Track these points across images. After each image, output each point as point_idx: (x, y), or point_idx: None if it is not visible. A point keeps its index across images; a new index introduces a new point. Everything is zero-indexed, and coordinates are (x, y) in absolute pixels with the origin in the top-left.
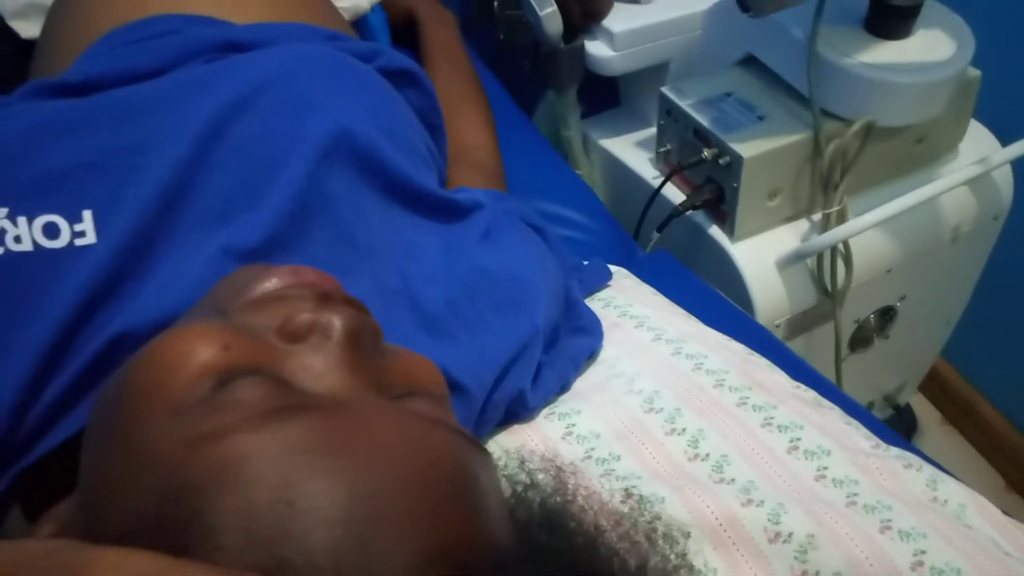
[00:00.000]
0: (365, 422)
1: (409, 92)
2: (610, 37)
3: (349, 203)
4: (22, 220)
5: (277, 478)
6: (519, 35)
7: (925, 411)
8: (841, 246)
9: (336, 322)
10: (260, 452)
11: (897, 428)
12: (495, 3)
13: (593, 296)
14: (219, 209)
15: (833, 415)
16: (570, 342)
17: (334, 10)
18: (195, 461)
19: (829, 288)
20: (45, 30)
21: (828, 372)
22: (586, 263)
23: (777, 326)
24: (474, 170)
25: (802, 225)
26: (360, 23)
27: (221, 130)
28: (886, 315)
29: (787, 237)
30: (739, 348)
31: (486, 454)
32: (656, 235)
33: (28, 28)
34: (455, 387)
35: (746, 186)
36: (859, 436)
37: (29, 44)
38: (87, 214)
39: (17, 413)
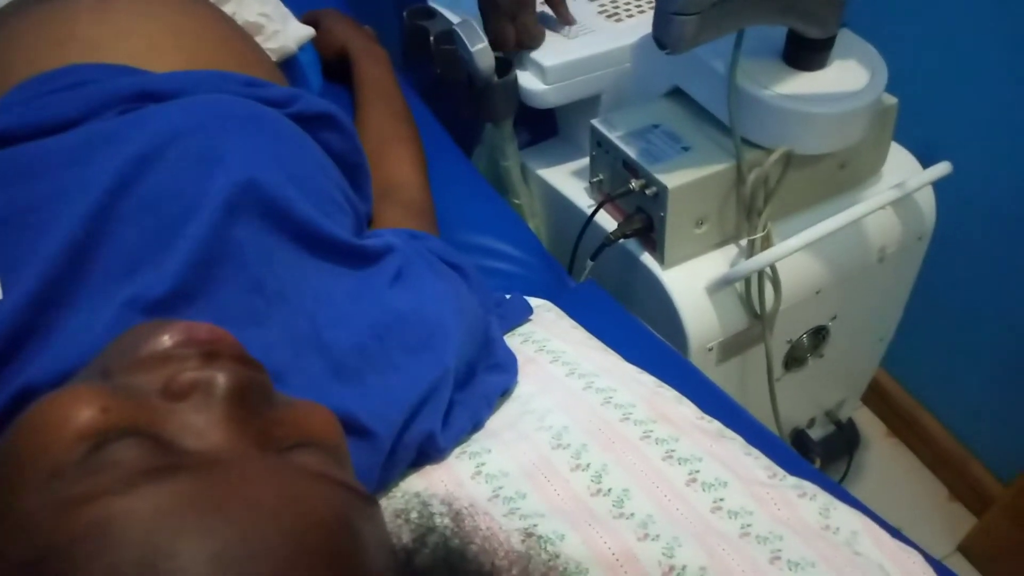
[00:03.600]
0: (240, 480)
1: (328, 135)
2: (541, 71)
3: (257, 252)
4: None
5: (144, 541)
6: (454, 70)
7: (870, 424)
8: (768, 270)
9: (220, 379)
10: (128, 514)
11: (839, 443)
12: (431, 39)
13: (514, 331)
14: (127, 262)
15: (734, 446)
16: (485, 380)
17: (257, 52)
18: (63, 524)
19: (759, 311)
20: None
21: (763, 393)
22: (508, 297)
23: (710, 349)
24: (401, 208)
25: (731, 251)
26: (290, 62)
27: (128, 184)
28: (819, 334)
29: (716, 263)
30: (649, 381)
31: (372, 506)
32: (590, 263)
33: None
34: (362, 432)
35: (672, 215)
36: (757, 467)
37: None
38: None
39: None
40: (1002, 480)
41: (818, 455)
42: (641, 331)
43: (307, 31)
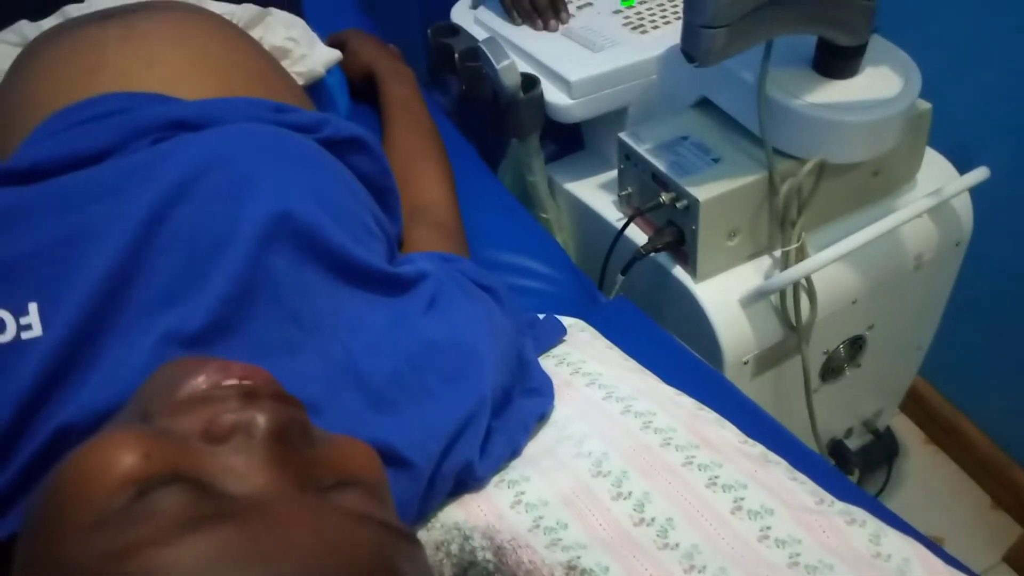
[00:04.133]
0: (282, 525)
1: (357, 158)
2: (567, 85)
3: (292, 282)
4: None
5: None
6: (480, 87)
7: (908, 432)
8: (804, 281)
9: (260, 420)
10: (174, 566)
11: (877, 453)
12: (456, 56)
13: (548, 353)
14: (163, 295)
15: (779, 471)
16: (521, 405)
17: (285, 76)
18: None
19: (794, 322)
20: None
21: (800, 405)
22: (541, 317)
23: (745, 363)
24: (431, 228)
25: (764, 262)
26: (317, 84)
27: (163, 216)
28: (855, 344)
29: (750, 275)
30: (689, 403)
31: (414, 545)
32: (620, 278)
33: None
34: (400, 462)
35: (704, 228)
36: (804, 492)
37: None
38: (32, 306)
39: None
40: None
41: (856, 466)
42: (675, 348)
43: (334, 54)
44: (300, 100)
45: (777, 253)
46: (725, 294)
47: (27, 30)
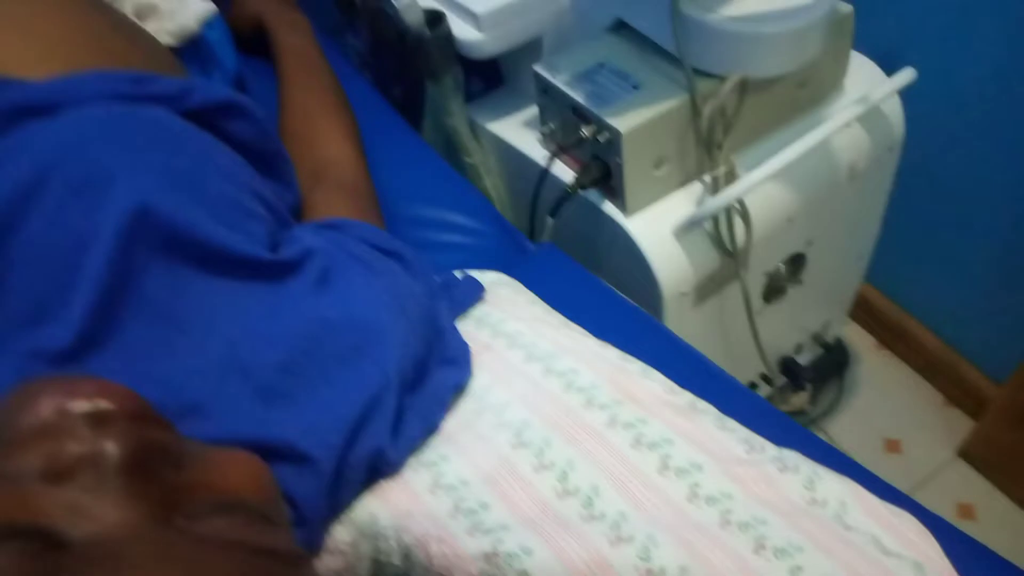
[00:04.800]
0: (134, 569)
1: (235, 124)
2: (475, 19)
3: (161, 283)
4: None
5: None
6: (385, 28)
7: (860, 339)
8: (736, 204)
9: (110, 449)
10: None
11: (829, 365)
12: (356, 2)
13: (467, 315)
14: (24, 314)
15: (707, 420)
16: (436, 377)
17: (141, 38)
18: None
19: (730, 248)
20: None
21: (745, 328)
22: (459, 276)
23: (684, 294)
24: (335, 190)
25: (695, 189)
26: (196, 42)
27: (13, 224)
28: (796, 262)
29: (682, 204)
30: (613, 355)
31: (300, 567)
32: (550, 221)
33: None
34: (298, 458)
35: (629, 160)
36: (734, 441)
37: None
38: None
39: None
40: (996, 381)
41: (809, 380)
42: (605, 292)
43: (208, 7)
44: (164, 65)
45: (707, 178)
46: (657, 226)
47: None
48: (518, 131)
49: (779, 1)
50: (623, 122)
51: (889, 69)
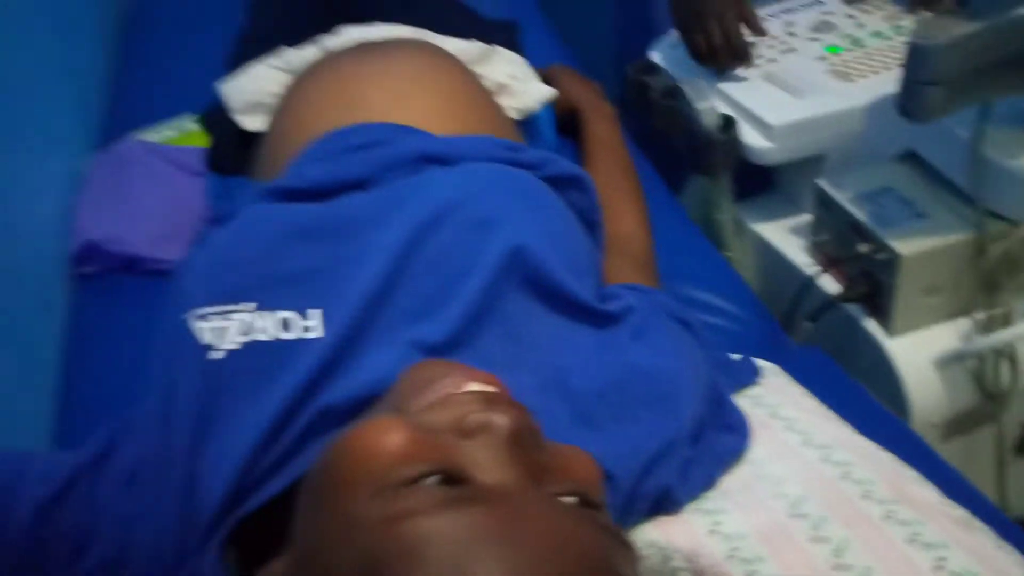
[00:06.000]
0: (524, 515)
1: (574, 194)
2: (767, 129)
3: (518, 308)
4: (265, 314)
5: (451, 560)
6: (675, 124)
7: None
8: (1006, 348)
9: (501, 421)
10: (440, 535)
11: None
12: (651, 92)
13: (743, 393)
14: (413, 311)
15: (984, 537)
16: (717, 439)
17: (503, 113)
18: (389, 537)
19: (992, 390)
20: (272, 127)
21: (990, 477)
22: (736, 357)
23: (934, 426)
24: (627, 260)
25: (964, 323)
26: (528, 117)
27: (419, 244)
28: None
29: (946, 335)
30: (888, 458)
31: (630, 550)
32: (808, 324)
33: (250, 122)
34: (604, 475)
35: (903, 284)
36: (1011, 563)
37: (248, 133)
38: (315, 312)
39: (248, 468)
40: None
41: None
42: (868, 402)
43: (549, 91)
44: (515, 135)
45: (980, 316)
46: (918, 352)
47: (289, 56)
48: (783, 235)
49: None
50: (904, 246)
51: None
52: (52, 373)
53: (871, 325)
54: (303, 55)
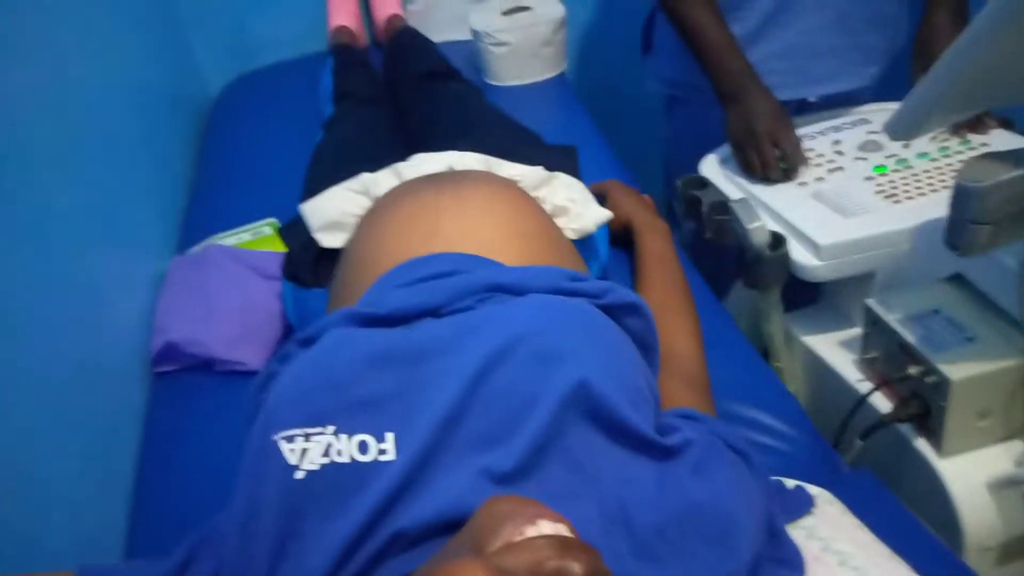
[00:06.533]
0: None
1: (631, 320)
2: (816, 248)
3: (581, 440)
4: (344, 437)
5: None
6: (725, 238)
7: None
8: None
9: (576, 569)
10: None
11: None
12: (703, 207)
13: (795, 523)
14: (481, 438)
15: None
16: (772, 573)
17: (564, 239)
18: None
19: None
20: (352, 248)
21: None
22: (790, 484)
23: (988, 550)
24: (681, 381)
25: (1016, 445)
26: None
27: (487, 375)
28: None
29: (999, 457)
30: None
31: None
32: (859, 443)
33: (328, 239)
34: None
35: (954, 407)
36: None
37: (323, 249)
38: (389, 435)
39: None
40: None
41: None
42: (921, 533)
43: (605, 214)
44: (576, 259)
45: None
46: (971, 475)
47: (366, 181)
48: (833, 348)
49: None
50: (955, 371)
51: None
52: (130, 469)
53: (922, 445)
54: (379, 180)
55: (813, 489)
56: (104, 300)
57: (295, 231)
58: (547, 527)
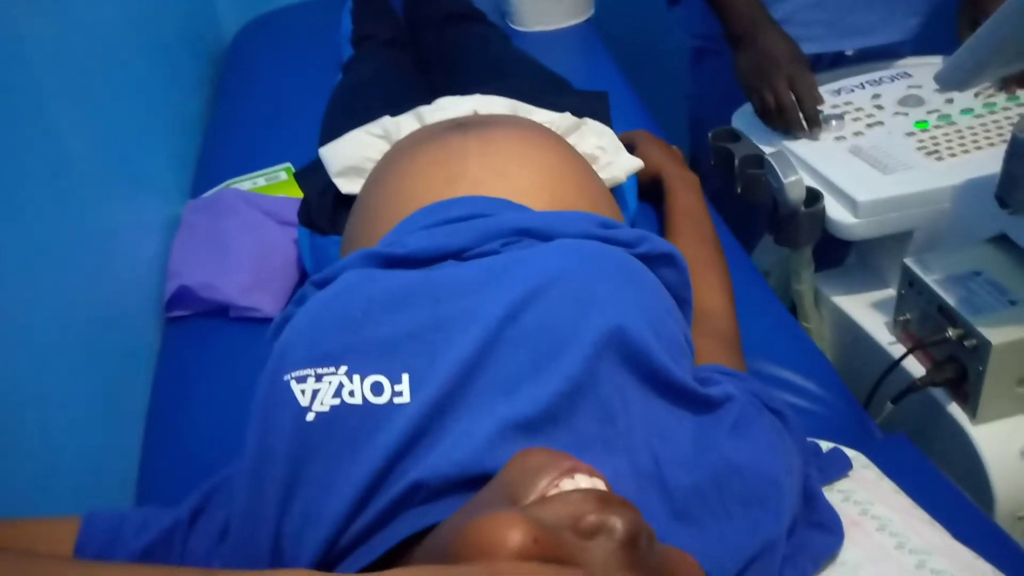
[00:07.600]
0: None
1: (666, 272)
2: (854, 205)
3: (614, 388)
4: (356, 377)
5: None
6: (758, 193)
7: None
8: None
9: (618, 524)
10: None
11: None
12: (736, 160)
13: (832, 486)
14: (506, 382)
15: None
16: (810, 537)
17: (601, 185)
18: None
19: None
20: (370, 193)
21: None
22: (826, 446)
23: (1020, 519)
24: (713, 338)
25: None
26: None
27: (516, 316)
28: None
29: None
30: (988, 570)
31: None
32: (890, 406)
33: (347, 185)
34: None
35: (992, 371)
36: None
37: (340, 194)
38: (405, 377)
39: (339, 532)
40: None
41: None
42: (958, 499)
43: (636, 163)
44: (612, 207)
45: None
46: (1006, 442)
47: (388, 124)
48: (865, 311)
49: None
50: (995, 334)
51: None
52: (141, 414)
53: (955, 410)
54: (401, 124)
55: (848, 452)
56: (118, 244)
57: (311, 176)
58: (584, 481)
